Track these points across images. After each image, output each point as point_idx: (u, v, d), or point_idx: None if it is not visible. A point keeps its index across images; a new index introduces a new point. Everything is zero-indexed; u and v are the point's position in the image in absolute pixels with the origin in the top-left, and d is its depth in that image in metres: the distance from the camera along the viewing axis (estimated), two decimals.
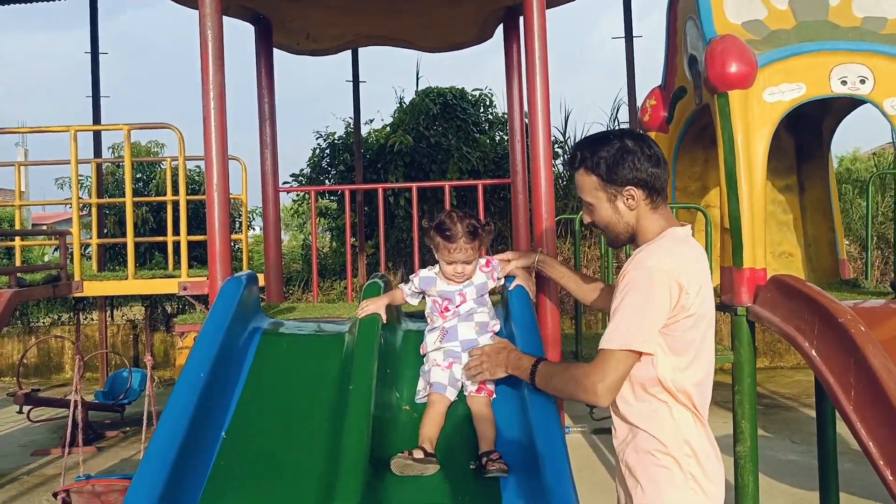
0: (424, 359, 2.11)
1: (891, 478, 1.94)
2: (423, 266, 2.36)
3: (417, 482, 1.79)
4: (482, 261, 2.22)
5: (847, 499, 4.28)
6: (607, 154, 1.70)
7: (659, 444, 1.65)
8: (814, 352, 2.25)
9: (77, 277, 3.99)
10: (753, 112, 2.81)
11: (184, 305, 9.53)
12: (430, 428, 1.93)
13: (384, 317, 2.16)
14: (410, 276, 2.24)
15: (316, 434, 1.98)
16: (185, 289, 2.94)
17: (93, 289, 4.00)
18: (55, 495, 3.31)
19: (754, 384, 2.80)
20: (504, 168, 8.51)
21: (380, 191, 3.97)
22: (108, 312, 9.82)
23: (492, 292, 2.25)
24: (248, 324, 2.39)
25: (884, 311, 2.67)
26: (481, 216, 4.22)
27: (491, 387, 2.04)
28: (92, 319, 10.20)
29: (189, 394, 1.92)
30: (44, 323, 10.65)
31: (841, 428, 2.84)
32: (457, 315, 2.12)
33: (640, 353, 1.60)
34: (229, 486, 1.82)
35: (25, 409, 6.10)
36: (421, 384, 2.09)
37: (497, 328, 2.16)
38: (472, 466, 1.86)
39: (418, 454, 1.82)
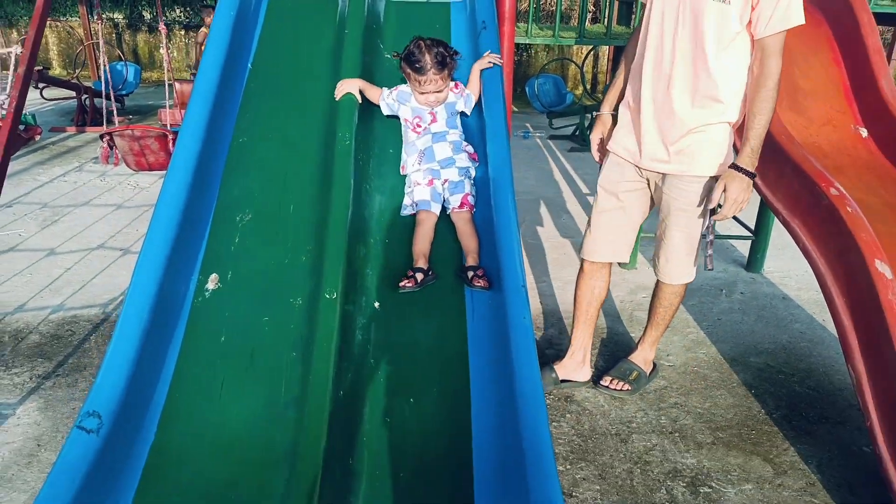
0: (406, 179, 2.22)
1: None
2: None
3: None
4: (452, 84, 2.26)
5: None
6: None
7: (734, 114, 2.06)
8: None
9: None
10: None
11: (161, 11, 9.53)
12: (422, 244, 2.04)
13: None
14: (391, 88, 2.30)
15: (321, 66, 2.56)
16: None
17: None
18: (101, 137, 4.05)
19: None
20: None
21: None
22: (88, 9, 9.79)
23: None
24: None
25: None
26: None
27: (472, 201, 2.14)
28: (72, 18, 10.18)
29: (224, 32, 2.50)
30: (24, 19, 10.61)
31: None
32: (428, 133, 2.19)
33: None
34: (258, 108, 2.48)
35: (40, 86, 6.62)
36: (406, 201, 2.16)
37: (471, 149, 2.23)
38: (459, 275, 2.00)
39: (420, 276, 1.95)
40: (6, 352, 2.75)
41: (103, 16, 10.77)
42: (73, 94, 6.77)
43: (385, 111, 2.32)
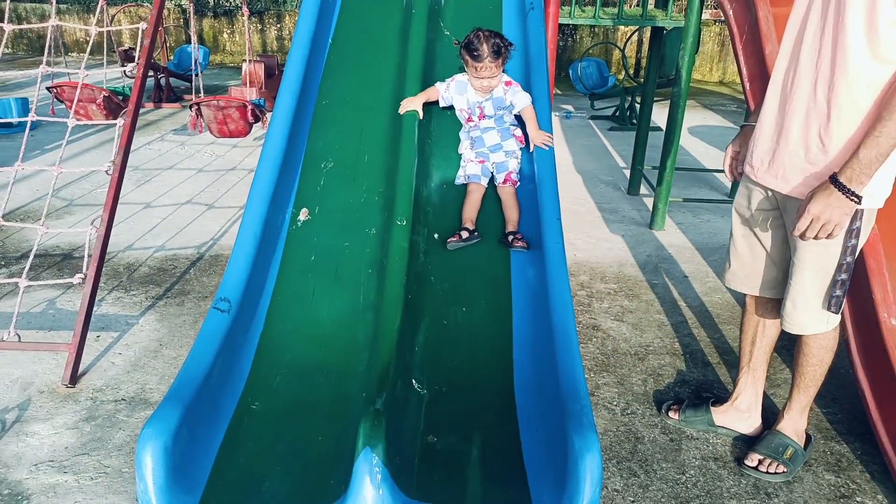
0: (461, 157, 2.57)
1: (751, 95, 3.03)
2: None
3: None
4: (505, 77, 2.50)
5: None
6: None
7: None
8: (731, 11, 3.22)
9: None
10: None
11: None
12: (470, 210, 2.41)
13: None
14: (447, 80, 2.60)
15: (391, 41, 3.03)
16: None
17: None
18: (190, 107, 4.60)
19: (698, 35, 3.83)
20: None
21: None
22: None
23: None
24: None
25: None
26: None
27: (516, 178, 2.47)
28: (143, 3, 10.86)
29: (311, 13, 2.96)
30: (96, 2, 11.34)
31: None
32: (478, 127, 2.52)
33: None
34: (336, 77, 2.95)
35: (126, 66, 7.28)
36: (460, 173, 2.53)
37: (518, 132, 2.53)
38: (501, 241, 2.36)
39: (465, 234, 2.33)
40: (124, 279, 3.31)
41: (171, 1, 11.50)
42: (151, 72, 7.39)
43: (441, 104, 2.64)
